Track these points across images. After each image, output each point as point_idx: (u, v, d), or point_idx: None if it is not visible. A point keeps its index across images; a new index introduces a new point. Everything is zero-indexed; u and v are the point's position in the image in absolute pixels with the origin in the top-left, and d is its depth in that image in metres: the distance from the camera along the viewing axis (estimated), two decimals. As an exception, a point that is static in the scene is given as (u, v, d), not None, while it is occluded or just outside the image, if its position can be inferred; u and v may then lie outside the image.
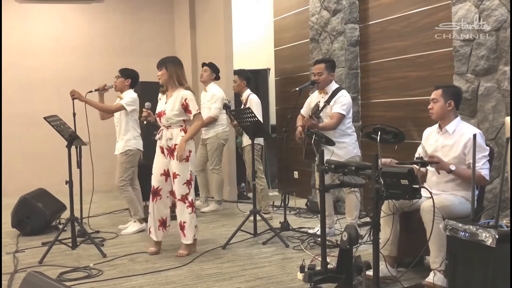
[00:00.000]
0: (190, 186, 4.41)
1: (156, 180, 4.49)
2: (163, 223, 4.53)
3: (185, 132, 4.40)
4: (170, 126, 4.43)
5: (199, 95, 7.80)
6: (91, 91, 5.16)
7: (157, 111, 4.52)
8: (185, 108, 4.38)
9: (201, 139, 6.50)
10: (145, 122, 4.61)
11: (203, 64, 6.52)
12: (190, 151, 4.41)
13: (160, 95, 4.60)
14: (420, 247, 3.47)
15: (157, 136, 4.54)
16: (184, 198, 4.39)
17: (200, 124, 4.47)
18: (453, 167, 3.47)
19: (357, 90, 6.09)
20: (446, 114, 3.68)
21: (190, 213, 4.41)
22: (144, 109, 4.61)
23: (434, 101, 3.70)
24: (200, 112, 4.46)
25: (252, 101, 5.93)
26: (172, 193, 4.49)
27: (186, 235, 4.43)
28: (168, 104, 4.42)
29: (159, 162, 4.50)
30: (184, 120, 4.43)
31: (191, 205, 4.41)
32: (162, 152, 4.48)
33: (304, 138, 4.91)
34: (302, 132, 4.97)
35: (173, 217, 4.55)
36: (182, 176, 4.37)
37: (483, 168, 3.51)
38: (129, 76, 5.39)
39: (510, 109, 4.07)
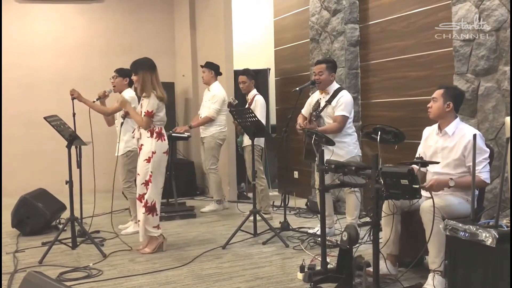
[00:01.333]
0: (147, 186, 4.45)
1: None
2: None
3: (152, 133, 4.47)
4: (139, 127, 4.55)
5: (198, 95, 7.81)
6: (93, 101, 5.16)
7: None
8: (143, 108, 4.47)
9: (200, 138, 6.51)
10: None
11: (201, 66, 6.53)
12: (153, 152, 4.45)
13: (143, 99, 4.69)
14: (420, 247, 3.47)
15: (132, 135, 4.74)
16: (140, 197, 4.49)
17: (143, 125, 4.44)
18: (452, 183, 3.44)
19: (357, 90, 6.09)
20: (444, 114, 3.67)
21: (143, 213, 4.45)
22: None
23: (434, 100, 3.70)
24: (146, 116, 4.41)
25: (258, 102, 5.91)
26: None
27: (140, 233, 4.53)
28: (139, 108, 4.56)
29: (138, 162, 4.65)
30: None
31: (146, 205, 4.45)
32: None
33: (304, 137, 4.91)
34: (301, 125, 4.99)
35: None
36: (141, 176, 4.49)
37: (482, 172, 3.50)
38: (127, 75, 5.38)
39: (510, 109, 4.07)
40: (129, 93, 5.33)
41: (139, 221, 4.55)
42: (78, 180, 5.02)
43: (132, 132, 4.75)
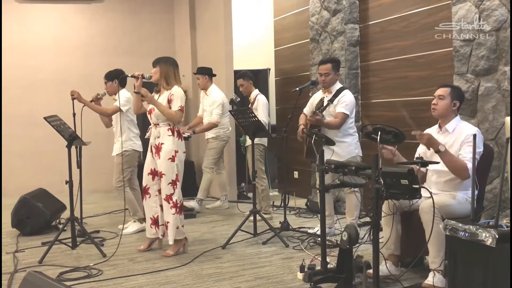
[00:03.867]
0: (175, 186, 4.42)
1: (144, 179, 4.57)
2: (155, 222, 4.55)
3: (172, 131, 4.44)
4: (158, 124, 4.46)
5: (198, 95, 7.82)
6: (91, 101, 5.16)
7: (148, 109, 4.57)
8: (169, 102, 4.42)
9: (206, 139, 6.53)
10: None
11: (194, 74, 6.54)
12: (176, 151, 4.42)
13: (153, 94, 4.63)
14: (420, 247, 3.47)
15: (147, 135, 4.64)
16: (168, 198, 4.41)
17: (175, 118, 4.40)
18: (442, 148, 3.45)
19: (357, 90, 6.09)
20: (449, 113, 3.69)
21: (173, 214, 4.40)
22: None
23: (440, 97, 3.68)
24: (180, 110, 4.41)
25: (260, 101, 5.91)
26: (160, 191, 4.51)
27: (169, 235, 4.45)
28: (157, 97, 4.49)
29: (148, 161, 4.57)
30: None
31: (175, 205, 4.41)
32: (151, 150, 4.52)
33: (305, 137, 4.91)
34: (303, 131, 4.97)
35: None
36: (167, 176, 4.40)
37: (469, 162, 3.46)
38: (115, 77, 5.32)
39: (510, 109, 4.08)
40: (124, 94, 5.30)
41: (168, 222, 4.41)
42: (78, 180, 5.02)
43: (148, 131, 4.67)
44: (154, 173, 4.51)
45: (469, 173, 3.53)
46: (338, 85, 5.01)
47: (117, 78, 5.31)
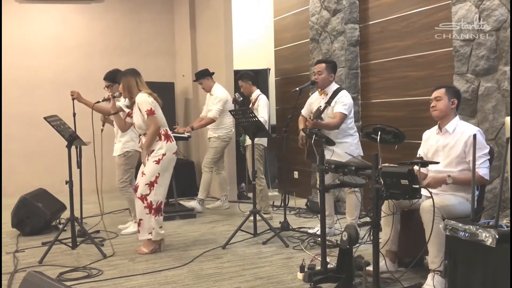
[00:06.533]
0: (152, 188, 4.44)
1: (137, 178, 4.64)
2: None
3: (159, 136, 4.50)
4: (145, 134, 4.54)
5: (198, 95, 7.81)
6: (98, 102, 5.14)
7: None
8: (141, 111, 4.47)
9: (207, 138, 6.54)
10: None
11: (194, 81, 6.56)
12: (163, 154, 4.46)
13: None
14: (420, 247, 3.47)
15: (139, 145, 4.72)
16: (143, 198, 4.46)
17: (154, 127, 4.44)
18: (449, 180, 3.44)
19: (357, 90, 6.08)
20: (449, 112, 3.70)
21: (147, 214, 4.45)
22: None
23: (437, 99, 3.70)
24: (149, 116, 4.43)
25: (260, 101, 5.94)
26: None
27: (140, 232, 4.52)
28: (134, 115, 4.58)
29: (142, 165, 4.62)
30: None
31: (149, 206, 4.45)
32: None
33: (306, 138, 4.91)
34: (303, 138, 4.98)
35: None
36: (147, 176, 4.45)
37: (481, 167, 3.50)
38: (117, 80, 5.31)
39: (510, 109, 4.07)
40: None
41: (141, 220, 4.52)
42: (78, 180, 5.02)
43: (139, 142, 4.72)
44: None
45: (485, 180, 3.57)
46: (334, 86, 5.01)
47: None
